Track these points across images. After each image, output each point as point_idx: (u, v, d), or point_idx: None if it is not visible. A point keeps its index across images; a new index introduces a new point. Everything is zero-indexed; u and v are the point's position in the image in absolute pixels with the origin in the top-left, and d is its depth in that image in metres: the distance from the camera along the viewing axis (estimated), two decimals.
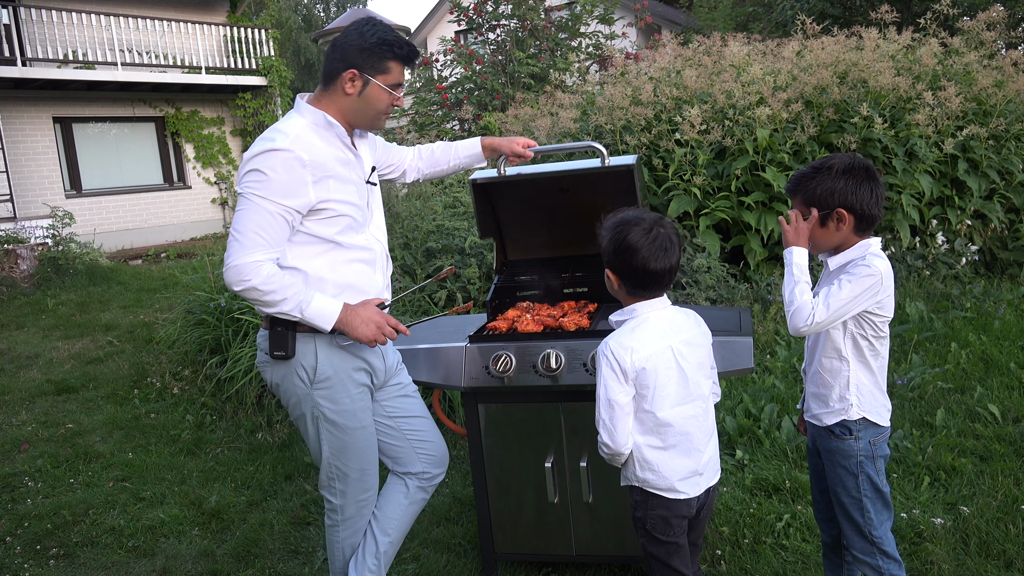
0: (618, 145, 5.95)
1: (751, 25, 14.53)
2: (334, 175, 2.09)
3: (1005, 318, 4.87)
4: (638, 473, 1.91)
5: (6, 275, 9.21)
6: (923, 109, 5.50)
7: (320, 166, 2.06)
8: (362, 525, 2.36)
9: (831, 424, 2.01)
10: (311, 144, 2.06)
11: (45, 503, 3.60)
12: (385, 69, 2.11)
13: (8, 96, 12.55)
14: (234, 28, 14.93)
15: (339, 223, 2.11)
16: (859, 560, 2.05)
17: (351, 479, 2.27)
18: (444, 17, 20.48)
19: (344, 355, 2.18)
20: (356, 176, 2.19)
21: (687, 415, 1.90)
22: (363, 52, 2.08)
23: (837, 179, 1.92)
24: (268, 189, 1.99)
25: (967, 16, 11.21)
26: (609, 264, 1.90)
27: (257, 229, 2.00)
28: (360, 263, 2.20)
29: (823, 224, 1.95)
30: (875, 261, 1.91)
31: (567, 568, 2.74)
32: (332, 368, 2.16)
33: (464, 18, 11.30)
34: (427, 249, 4.72)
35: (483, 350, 2.48)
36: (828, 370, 2.01)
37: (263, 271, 1.99)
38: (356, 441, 2.24)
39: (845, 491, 2.02)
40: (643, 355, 1.83)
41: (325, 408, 2.18)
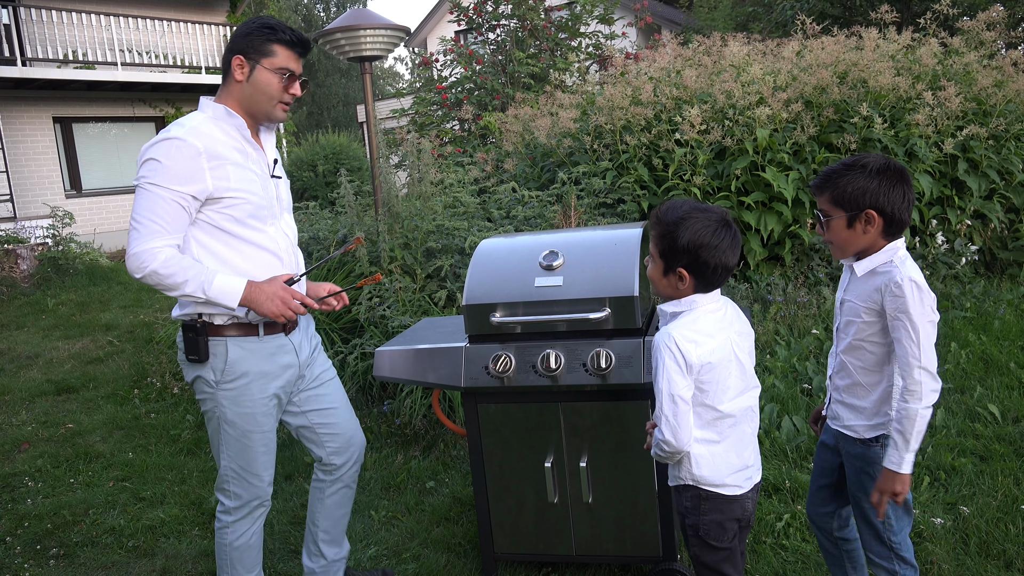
0: (618, 145, 5.95)
1: (751, 25, 14.54)
2: (233, 163, 2.12)
3: (1005, 318, 4.87)
4: (693, 471, 1.85)
5: (6, 275, 9.21)
6: (923, 109, 5.50)
7: (216, 155, 2.09)
8: (251, 529, 2.35)
9: (868, 437, 1.93)
10: (207, 134, 2.10)
11: (45, 503, 3.60)
12: (269, 52, 2.14)
13: (8, 96, 12.55)
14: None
15: (240, 211, 2.14)
16: (876, 564, 2.01)
17: (245, 481, 2.29)
18: (444, 17, 20.49)
19: (253, 359, 2.21)
20: (258, 168, 2.21)
21: (745, 405, 1.88)
22: (247, 37, 2.14)
23: (870, 179, 1.82)
24: (163, 176, 2.03)
25: (967, 16, 11.21)
26: (684, 263, 1.80)
27: (153, 216, 2.04)
28: (267, 253, 2.23)
29: (850, 225, 1.85)
30: (910, 275, 1.80)
31: (567, 568, 2.74)
32: (239, 371, 2.20)
33: (464, 18, 11.30)
34: (427, 249, 4.72)
35: (483, 350, 2.48)
36: (870, 384, 1.92)
37: (161, 256, 2.03)
38: (253, 444, 2.26)
39: (866, 497, 1.95)
40: (708, 348, 1.79)
41: (227, 409, 2.22)
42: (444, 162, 7.45)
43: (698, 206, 1.82)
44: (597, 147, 6.10)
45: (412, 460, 3.79)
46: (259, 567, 2.40)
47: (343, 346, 4.42)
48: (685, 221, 1.79)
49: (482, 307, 2.48)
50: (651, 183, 5.79)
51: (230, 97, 2.18)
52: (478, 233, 4.72)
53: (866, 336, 1.90)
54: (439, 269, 4.57)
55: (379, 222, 4.67)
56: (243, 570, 2.35)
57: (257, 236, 2.19)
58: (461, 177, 6.25)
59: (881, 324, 1.86)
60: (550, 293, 2.43)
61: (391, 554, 2.97)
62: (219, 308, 2.13)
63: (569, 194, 5.30)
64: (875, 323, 1.87)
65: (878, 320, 1.87)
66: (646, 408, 2.40)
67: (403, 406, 4.06)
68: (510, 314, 2.46)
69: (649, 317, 2.59)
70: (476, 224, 5.01)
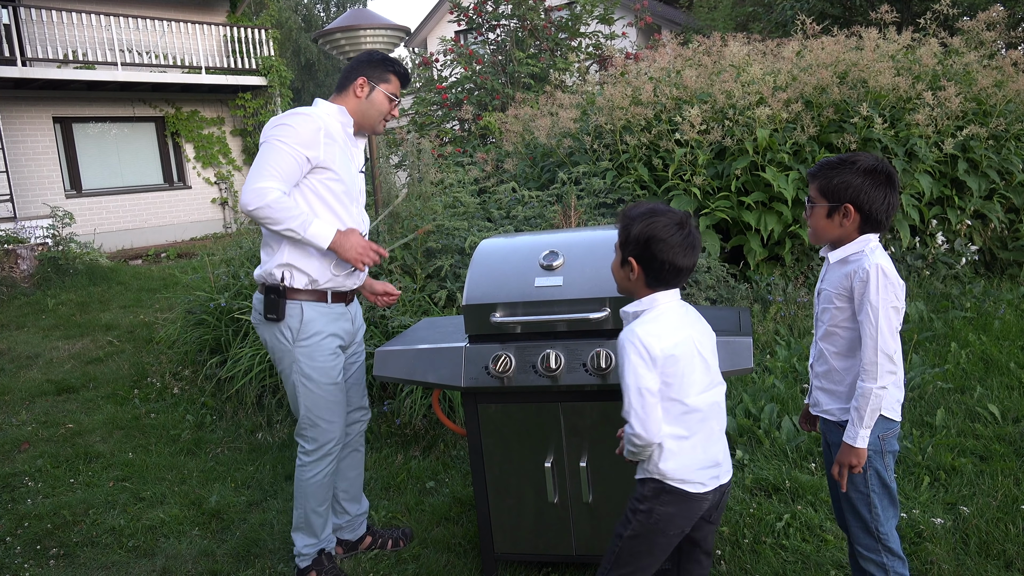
0: (618, 145, 5.95)
1: (751, 25, 14.53)
2: (341, 146, 2.58)
3: (1005, 318, 4.87)
4: (660, 465, 1.88)
5: (6, 275, 9.21)
6: (923, 109, 5.50)
7: (330, 135, 2.54)
8: (326, 468, 2.69)
9: (844, 419, 2.01)
10: (326, 119, 2.57)
11: (45, 503, 3.60)
12: (387, 79, 2.66)
13: (8, 96, 12.55)
14: (234, 28, 14.93)
15: (336, 187, 2.55)
16: (864, 557, 2.05)
17: (320, 428, 2.64)
18: (444, 17, 20.49)
19: (323, 320, 2.58)
20: (355, 159, 2.68)
21: (712, 400, 1.90)
22: (371, 65, 2.65)
23: (856, 176, 1.94)
24: (290, 137, 2.44)
25: (967, 16, 11.21)
26: (634, 253, 1.88)
27: (274, 164, 2.42)
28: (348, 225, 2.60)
29: (829, 215, 1.98)
30: (877, 261, 1.92)
31: (567, 568, 2.74)
32: (312, 330, 2.56)
33: (464, 18, 11.29)
34: (427, 249, 4.72)
35: (483, 350, 2.48)
36: (844, 369, 2.01)
37: (272, 195, 2.39)
38: (327, 394, 2.62)
39: (852, 486, 2.02)
40: (671, 342, 1.83)
41: (303, 363, 2.58)
42: (444, 162, 7.45)
43: (661, 207, 1.90)
44: (597, 147, 6.10)
45: (412, 460, 3.79)
46: (328, 503, 2.75)
47: None
48: (643, 216, 1.88)
49: (482, 307, 2.48)
50: (651, 183, 5.79)
51: (345, 106, 2.65)
52: (478, 233, 4.72)
53: (839, 322, 2.00)
54: (439, 269, 4.57)
55: (379, 222, 4.67)
56: (315, 503, 2.70)
57: (343, 212, 2.59)
58: (461, 177, 6.25)
59: (851, 310, 1.97)
60: (550, 293, 2.43)
61: (391, 554, 2.97)
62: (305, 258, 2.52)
63: (569, 194, 5.30)
64: (845, 309, 1.98)
65: (848, 306, 1.97)
66: None
67: (403, 406, 4.06)
68: (510, 314, 2.46)
69: None
70: (476, 224, 5.01)
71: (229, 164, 15.27)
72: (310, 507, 2.71)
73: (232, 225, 15.06)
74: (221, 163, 15.18)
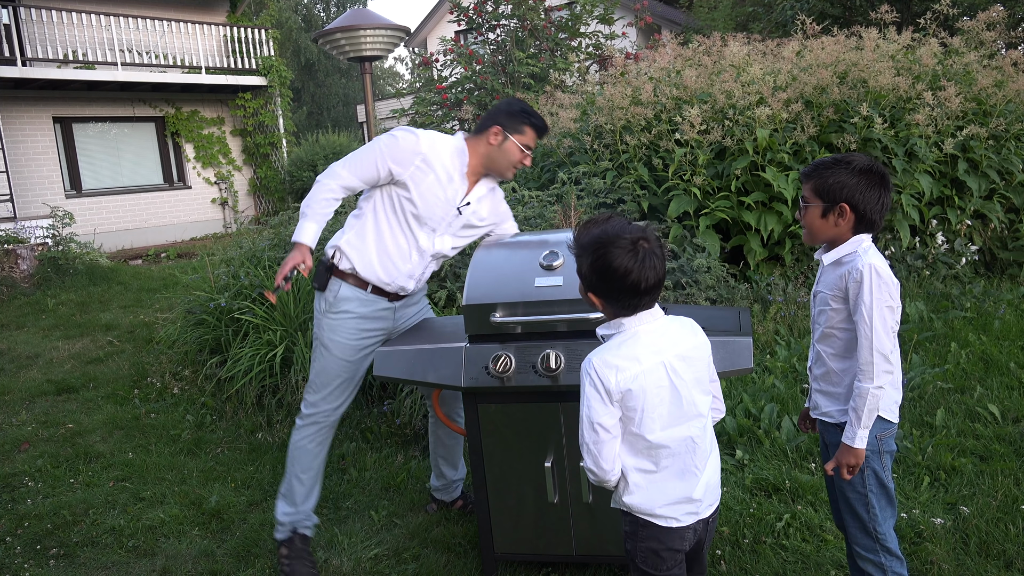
0: (618, 145, 5.95)
1: (751, 25, 14.53)
2: (436, 176, 2.66)
3: (1005, 318, 4.87)
4: (624, 498, 1.80)
5: (6, 275, 9.21)
6: (923, 109, 5.50)
7: (428, 162, 2.64)
8: (314, 436, 2.81)
9: (844, 421, 2.00)
10: (438, 149, 2.67)
11: (45, 503, 3.60)
12: (522, 131, 2.70)
13: (8, 96, 12.55)
14: (234, 28, 14.93)
15: (408, 207, 2.67)
16: (862, 557, 2.05)
17: (319, 396, 2.78)
18: (444, 17, 20.49)
19: (356, 303, 2.73)
20: (451, 195, 2.70)
21: (681, 436, 1.76)
22: (509, 116, 2.71)
23: (852, 176, 1.95)
24: (387, 147, 2.62)
25: (967, 16, 11.21)
26: (590, 287, 1.76)
27: (358, 160, 2.64)
28: (408, 245, 2.73)
29: (824, 215, 1.99)
30: (871, 261, 1.92)
31: (567, 568, 2.74)
32: (342, 307, 2.73)
33: (464, 18, 11.30)
34: None
35: (483, 350, 2.48)
36: (842, 370, 2.01)
37: (331, 183, 2.65)
38: (337, 368, 2.76)
39: (850, 486, 2.02)
40: (630, 375, 1.70)
41: (325, 333, 2.76)
42: None
43: (612, 228, 1.75)
44: (597, 147, 6.10)
45: (412, 460, 3.79)
46: (312, 473, 2.83)
47: None
48: (595, 248, 1.73)
49: (482, 307, 2.48)
50: (651, 183, 5.79)
51: (476, 148, 2.73)
52: None
53: (835, 323, 2.01)
54: (439, 269, 4.57)
55: None
56: (298, 469, 2.81)
57: (403, 231, 2.72)
58: None
59: (847, 311, 1.97)
60: (550, 293, 2.43)
61: (391, 554, 2.97)
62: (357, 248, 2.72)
63: (569, 194, 5.30)
64: (841, 310, 1.98)
65: (844, 307, 1.98)
66: None
67: (403, 406, 4.06)
68: (510, 314, 2.46)
69: None
70: None
71: (229, 164, 15.26)
72: (294, 471, 2.82)
73: (232, 225, 15.07)
74: (221, 163, 15.18)
